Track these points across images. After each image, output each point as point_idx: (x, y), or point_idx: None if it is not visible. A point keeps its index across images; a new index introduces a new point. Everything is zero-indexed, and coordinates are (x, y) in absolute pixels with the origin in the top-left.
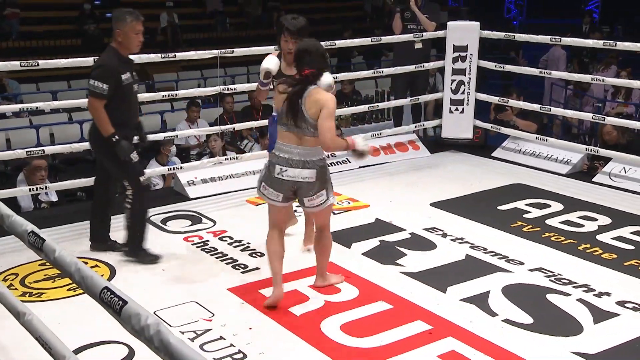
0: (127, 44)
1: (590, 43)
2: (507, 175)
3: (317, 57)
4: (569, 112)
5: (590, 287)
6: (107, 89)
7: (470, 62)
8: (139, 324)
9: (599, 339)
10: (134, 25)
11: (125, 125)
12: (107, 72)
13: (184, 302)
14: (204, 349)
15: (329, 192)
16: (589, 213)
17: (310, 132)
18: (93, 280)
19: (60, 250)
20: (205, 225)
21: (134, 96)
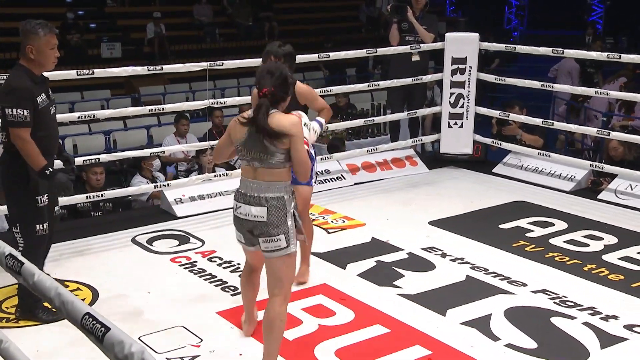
0: (41, 60)
1: (595, 55)
2: (508, 193)
3: (279, 80)
4: (572, 127)
5: (596, 309)
6: (28, 114)
7: (469, 75)
8: (122, 352)
9: None
10: (48, 39)
11: (44, 153)
12: (20, 97)
13: (171, 326)
14: None
15: (290, 239)
16: (594, 232)
17: (267, 163)
18: (74, 306)
19: (39, 274)
20: (194, 245)
21: (52, 121)
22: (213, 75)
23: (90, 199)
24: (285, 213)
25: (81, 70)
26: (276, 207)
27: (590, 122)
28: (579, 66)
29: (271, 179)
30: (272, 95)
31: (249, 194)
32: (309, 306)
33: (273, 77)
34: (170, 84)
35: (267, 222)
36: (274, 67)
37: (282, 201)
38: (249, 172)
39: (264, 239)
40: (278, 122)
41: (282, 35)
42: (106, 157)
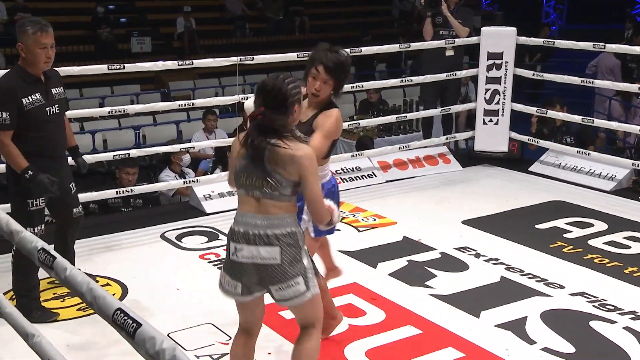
0: (32, 60)
1: (638, 50)
2: (545, 192)
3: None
4: (614, 124)
5: (638, 314)
6: (8, 117)
7: (505, 70)
8: (153, 348)
9: None
10: (37, 38)
11: (39, 155)
12: (2, 97)
13: (200, 324)
14: None
15: (309, 281)
16: (635, 233)
17: (269, 194)
18: (105, 301)
19: (71, 269)
20: (222, 242)
21: (49, 122)
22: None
23: (119, 194)
24: (299, 251)
25: (112, 64)
26: (289, 246)
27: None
28: (620, 62)
29: (277, 212)
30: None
31: (251, 232)
32: (339, 305)
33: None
34: (199, 79)
35: (281, 264)
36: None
37: (294, 237)
38: (249, 205)
39: (278, 287)
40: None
41: (313, 30)
42: (136, 152)
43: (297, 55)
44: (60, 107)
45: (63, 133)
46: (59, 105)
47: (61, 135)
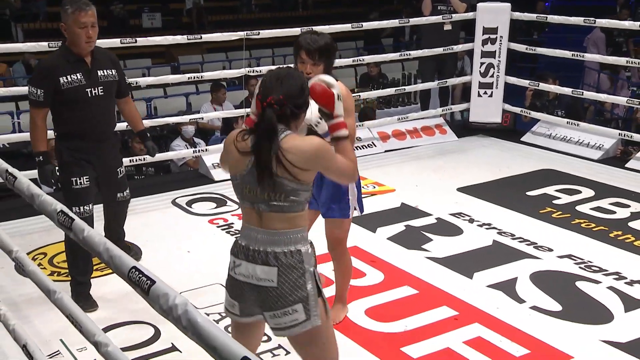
0: (73, 39)
1: (627, 25)
2: (536, 161)
3: (293, 88)
4: (602, 96)
5: (621, 275)
6: (42, 94)
7: (500, 45)
8: (167, 303)
9: (630, 328)
10: (76, 17)
11: (80, 137)
12: (39, 75)
13: (209, 284)
14: (229, 331)
15: (310, 309)
16: (621, 199)
17: (277, 206)
18: (121, 260)
19: (89, 230)
20: (230, 207)
21: (90, 104)
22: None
23: (133, 162)
24: (303, 274)
25: (124, 38)
26: (290, 267)
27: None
28: (604, 36)
29: (283, 227)
30: (281, 107)
31: (252, 248)
32: None
33: (283, 83)
34: (207, 53)
35: (277, 288)
36: (285, 73)
37: (298, 257)
38: (253, 218)
39: (273, 314)
40: (297, 144)
41: (316, 6)
42: (147, 122)
43: (300, 30)
44: (106, 89)
45: (108, 116)
46: (103, 88)
47: (106, 117)
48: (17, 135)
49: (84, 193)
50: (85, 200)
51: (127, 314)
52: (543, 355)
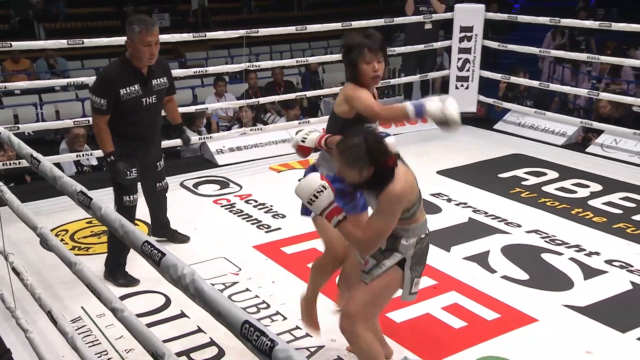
0: (137, 55)
1: (587, 24)
2: (507, 146)
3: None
4: (566, 89)
5: (581, 247)
6: (105, 103)
7: (475, 42)
8: (176, 273)
9: (588, 294)
10: (142, 37)
11: (133, 138)
12: (102, 85)
13: (214, 257)
14: (232, 299)
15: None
16: (582, 180)
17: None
18: (135, 235)
19: (105, 208)
20: (233, 189)
21: (146, 111)
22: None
23: None
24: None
25: None
26: None
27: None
28: (549, 34)
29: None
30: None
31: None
32: None
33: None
34: (211, 50)
35: None
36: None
37: None
38: (422, 210)
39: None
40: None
41: (310, 7)
42: None
43: (296, 29)
44: (158, 97)
45: (157, 119)
46: (156, 96)
47: (155, 121)
48: (40, 124)
49: (133, 184)
50: (133, 191)
51: (141, 285)
52: (512, 319)
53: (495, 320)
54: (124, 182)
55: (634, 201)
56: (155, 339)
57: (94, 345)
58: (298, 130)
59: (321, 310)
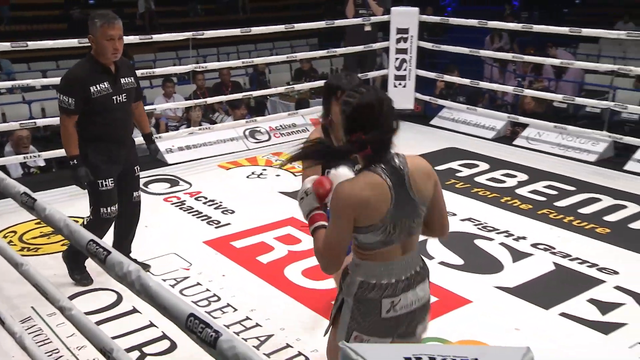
0: (100, 51)
1: (512, 26)
2: (442, 140)
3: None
4: (494, 86)
5: (510, 232)
6: (73, 102)
7: (411, 43)
8: (122, 270)
9: (516, 275)
10: (104, 31)
11: (104, 140)
12: (70, 84)
13: (165, 254)
14: (184, 294)
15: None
16: (510, 171)
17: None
18: (80, 234)
19: (50, 209)
20: (183, 187)
21: (117, 110)
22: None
23: None
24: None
25: (82, 39)
26: (427, 271)
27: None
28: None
29: (416, 241)
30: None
31: (405, 277)
32: (279, 235)
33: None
34: (159, 52)
35: (428, 298)
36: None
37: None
38: (395, 252)
39: (423, 324)
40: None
41: (255, 10)
42: None
43: (240, 31)
44: (128, 96)
45: (129, 120)
46: (126, 95)
47: (127, 122)
48: None
49: (111, 194)
50: (112, 201)
51: (93, 283)
52: (449, 301)
53: (434, 303)
54: (82, 187)
55: (556, 189)
56: (104, 335)
57: (44, 344)
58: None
59: (271, 300)
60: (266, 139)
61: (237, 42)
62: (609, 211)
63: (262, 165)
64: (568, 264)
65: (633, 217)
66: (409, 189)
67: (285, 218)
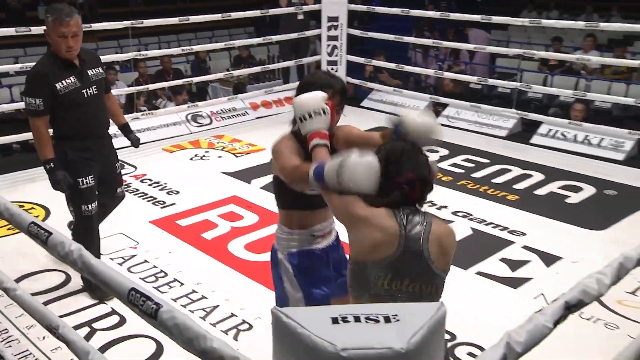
0: (55, 47)
1: (431, 14)
2: (372, 120)
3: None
4: (417, 69)
5: (433, 202)
6: (41, 103)
7: (341, 30)
8: (63, 250)
9: None
10: (55, 27)
11: (81, 137)
12: (34, 84)
13: (112, 234)
14: (131, 271)
15: None
16: (432, 147)
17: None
18: (21, 217)
19: None
20: (128, 170)
21: (87, 104)
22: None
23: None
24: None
25: (19, 27)
26: None
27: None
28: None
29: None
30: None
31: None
32: (222, 213)
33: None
34: (101, 41)
35: None
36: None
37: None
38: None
39: None
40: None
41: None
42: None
43: (179, 20)
44: (99, 88)
45: (103, 113)
46: (96, 87)
47: (101, 115)
48: None
49: (90, 192)
50: (91, 199)
51: (42, 264)
52: None
53: None
54: (63, 191)
55: (473, 162)
56: (50, 313)
57: None
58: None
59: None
60: (208, 123)
61: (178, 31)
62: (518, 180)
63: (205, 147)
64: (483, 229)
65: (538, 184)
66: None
67: (228, 197)
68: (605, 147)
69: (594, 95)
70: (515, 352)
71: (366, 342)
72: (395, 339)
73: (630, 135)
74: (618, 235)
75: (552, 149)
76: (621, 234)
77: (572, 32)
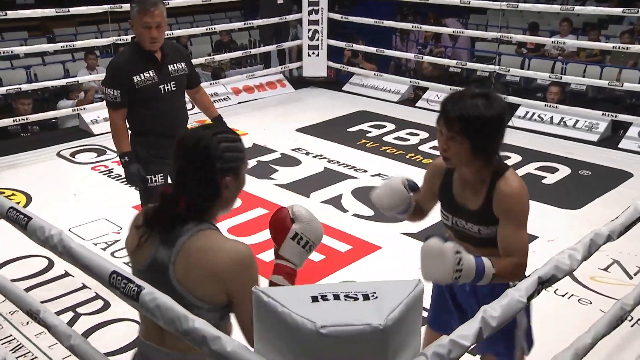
0: (139, 39)
1: None
2: (353, 105)
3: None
4: (397, 53)
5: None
6: (118, 95)
7: (322, 15)
8: (43, 235)
9: (422, 222)
10: (140, 18)
11: (155, 133)
12: (112, 76)
13: (95, 219)
14: (115, 256)
15: None
16: (413, 130)
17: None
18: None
19: None
20: (110, 156)
21: (163, 100)
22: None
23: (17, 122)
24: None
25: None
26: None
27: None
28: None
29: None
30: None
31: None
32: None
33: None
34: (80, 26)
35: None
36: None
37: None
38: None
39: None
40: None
41: None
42: (27, 86)
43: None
44: (178, 84)
45: (180, 111)
46: (175, 83)
47: (178, 112)
48: None
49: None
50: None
51: (22, 250)
52: (361, 249)
53: (348, 251)
54: (136, 187)
55: None
56: (30, 299)
57: None
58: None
59: None
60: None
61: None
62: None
63: None
64: None
65: (515, 165)
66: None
67: None
68: (581, 128)
69: (569, 78)
70: (490, 326)
71: (345, 319)
72: (373, 315)
73: (604, 117)
74: (592, 214)
75: (529, 131)
76: (595, 213)
77: (549, 16)
